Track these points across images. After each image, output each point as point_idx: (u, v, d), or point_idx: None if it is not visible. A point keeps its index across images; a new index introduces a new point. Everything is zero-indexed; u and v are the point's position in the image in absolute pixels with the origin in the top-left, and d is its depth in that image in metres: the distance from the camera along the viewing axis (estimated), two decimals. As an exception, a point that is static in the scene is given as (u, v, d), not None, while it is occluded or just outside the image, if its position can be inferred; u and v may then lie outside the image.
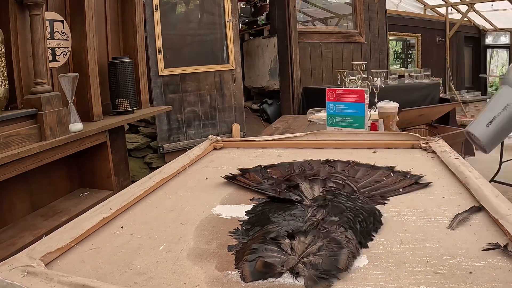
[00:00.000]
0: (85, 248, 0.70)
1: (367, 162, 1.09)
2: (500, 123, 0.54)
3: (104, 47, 2.48)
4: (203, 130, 3.72)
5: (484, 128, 0.55)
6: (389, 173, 1.00)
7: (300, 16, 5.60)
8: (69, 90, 1.98)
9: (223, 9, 3.75)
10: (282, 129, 2.11)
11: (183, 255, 0.67)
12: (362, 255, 0.64)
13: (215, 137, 1.45)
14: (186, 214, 0.85)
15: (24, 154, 1.60)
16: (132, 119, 2.48)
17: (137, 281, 0.59)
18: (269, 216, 0.78)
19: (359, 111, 1.76)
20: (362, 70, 2.38)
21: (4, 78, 1.67)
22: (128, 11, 2.59)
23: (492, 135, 0.55)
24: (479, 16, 7.57)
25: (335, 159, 1.12)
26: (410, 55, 7.36)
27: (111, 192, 2.19)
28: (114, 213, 0.83)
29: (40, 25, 1.77)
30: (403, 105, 3.28)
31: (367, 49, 5.38)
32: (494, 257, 0.61)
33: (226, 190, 0.99)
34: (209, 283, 0.58)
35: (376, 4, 5.40)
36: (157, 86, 3.46)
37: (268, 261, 0.59)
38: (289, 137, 1.43)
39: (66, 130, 1.88)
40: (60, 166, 2.11)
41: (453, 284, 0.55)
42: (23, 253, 0.64)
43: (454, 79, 7.24)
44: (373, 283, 0.56)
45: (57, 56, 2.12)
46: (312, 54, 4.94)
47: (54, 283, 0.55)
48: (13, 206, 1.85)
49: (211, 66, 3.72)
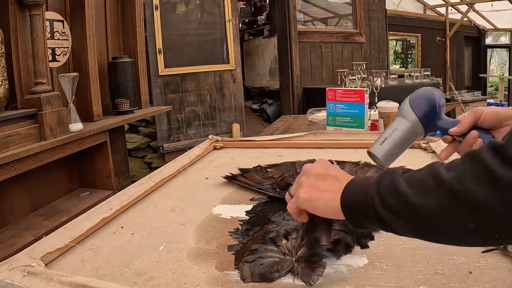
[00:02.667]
0: (85, 248, 0.70)
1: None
2: (391, 142, 0.66)
3: (104, 47, 2.48)
4: (203, 130, 3.72)
5: (379, 146, 0.67)
6: None
7: (300, 16, 5.59)
8: (69, 90, 1.98)
9: (223, 9, 3.75)
10: (282, 129, 2.11)
11: (183, 255, 0.67)
12: (362, 255, 0.64)
13: (215, 137, 1.45)
14: (186, 214, 0.85)
15: (24, 154, 1.60)
16: (132, 119, 2.48)
17: (137, 281, 0.59)
18: (269, 216, 0.78)
19: (359, 111, 1.76)
20: (362, 70, 2.38)
21: (4, 78, 1.67)
22: (128, 11, 2.59)
23: (385, 151, 0.66)
24: (479, 16, 7.57)
25: (344, 160, 1.12)
26: (410, 55, 7.36)
27: (111, 192, 2.19)
28: (114, 213, 0.83)
29: (40, 25, 1.76)
30: (403, 105, 3.28)
31: (367, 49, 5.38)
32: (494, 257, 0.61)
33: (226, 190, 1.00)
34: (209, 283, 0.58)
35: (376, 4, 5.40)
36: (157, 86, 3.46)
37: (263, 271, 0.59)
38: (289, 137, 1.43)
39: (66, 130, 1.88)
40: (60, 166, 2.11)
41: (453, 284, 0.55)
42: (23, 253, 0.64)
43: (454, 79, 7.24)
44: (373, 283, 0.56)
45: (57, 56, 2.12)
46: (312, 54, 4.94)
47: (54, 283, 0.55)
48: (13, 206, 1.85)
49: (211, 66, 3.72)
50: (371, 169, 1.04)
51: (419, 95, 0.68)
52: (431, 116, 0.67)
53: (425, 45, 7.02)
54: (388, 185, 0.45)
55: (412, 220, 0.43)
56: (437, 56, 7.13)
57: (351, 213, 0.49)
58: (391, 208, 0.44)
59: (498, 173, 0.37)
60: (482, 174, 0.38)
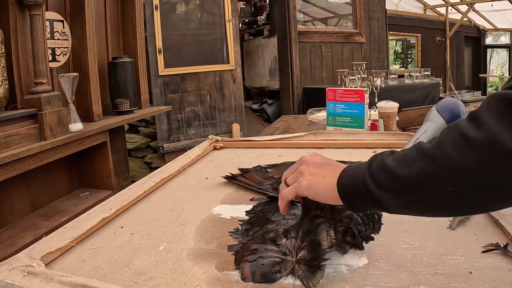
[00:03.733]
0: (85, 248, 0.70)
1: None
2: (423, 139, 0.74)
3: (104, 47, 2.48)
4: (203, 130, 3.72)
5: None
6: None
7: (300, 16, 5.60)
8: (69, 90, 1.98)
9: (223, 9, 3.75)
10: (282, 129, 2.11)
11: (183, 255, 0.67)
12: (362, 255, 0.64)
13: (215, 137, 1.45)
14: (186, 214, 0.85)
15: (24, 154, 1.60)
16: (132, 119, 2.48)
17: (137, 281, 0.59)
18: (269, 216, 0.78)
19: (359, 111, 1.76)
20: (362, 70, 2.38)
21: (4, 78, 1.67)
22: (128, 11, 2.59)
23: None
24: (479, 16, 7.57)
25: (344, 160, 1.12)
26: (410, 55, 7.36)
27: (111, 192, 2.19)
28: (114, 213, 0.83)
29: (40, 25, 1.76)
30: (403, 105, 3.28)
31: (367, 49, 5.38)
32: (494, 257, 0.61)
33: (226, 190, 0.99)
34: (209, 283, 0.58)
35: (376, 4, 5.40)
36: (157, 86, 3.46)
37: (265, 271, 0.59)
38: (289, 137, 1.43)
39: (66, 130, 1.88)
40: (60, 166, 2.11)
41: (453, 284, 0.55)
42: (23, 253, 0.64)
43: (454, 79, 7.25)
44: (373, 283, 0.56)
45: (57, 56, 2.12)
46: (312, 54, 4.94)
47: (54, 283, 0.54)
48: (13, 206, 1.85)
49: (211, 66, 3.72)
50: None
51: (445, 103, 0.76)
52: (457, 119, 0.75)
53: (425, 45, 7.02)
54: (377, 164, 0.48)
55: (401, 193, 0.45)
56: (437, 56, 7.13)
57: (347, 195, 0.51)
58: (381, 185, 0.47)
59: (471, 135, 0.40)
60: (457, 138, 0.41)
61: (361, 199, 0.49)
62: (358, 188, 0.49)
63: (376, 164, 0.48)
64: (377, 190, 0.47)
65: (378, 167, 0.48)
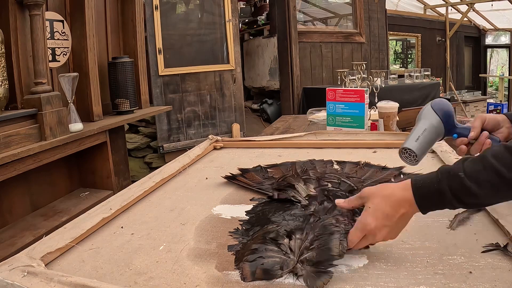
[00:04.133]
0: (85, 248, 0.70)
1: (378, 164, 1.08)
2: (424, 139, 0.77)
3: (104, 47, 2.48)
4: (203, 130, 3.72)
5: (415, 143, 0.77)
6: (398, 174, 1.01)
7: (300, 16, 5.59)
8: (69, 90, 1.98)
9: (223, 9, 3.75)
10: (282, 129, 2.11)
11: (183, 255, 0.67)
12: (362, 255, 0.64)
13: (215, 137, 1.45)
14: (186, 214, 0.85)
15: (24, 154, 1.60)
16: (132, 119, 2.48)
17: (137, 281, 0.59)
18: (269, 216, 0.78)
19: (359, 111, 1.76)
20: (362, 70, 2.38)
21: (4, 78, 1.67)
22: (128, 11, 2.59)
23: (420, 147, 0.77)
24: (479, 16, 7.57)
25: (344, 160, 1.12)
26: (410, 55, 7.36)
27: (111, 192, 2.19)
28: (114, 213, 0.83)
29: (40, 25, 1.76)
30: (403, 105, 3.28)
31: (367, 49, 5.38)
32: (494, 257, 0.61)
33: (226, 190, 1.00)
34: (209, 283, 0.58)
35: (376, 4, 5.40)
36: (157, 86, 3.46)
37: (267, 267, 0.59)
38: (289, 137, 1.43)
39: (66, 130, 1.88)
40: (60, 166, 2.11)
41: (453, 284, 0.55)
42: (23, 253, 0.64)
43: (454, 79, 7.24)
44: (373, 283, 0.56)
45: (57, 56, 2.12)
46: (312, 54, 4.94)
47: (54, 283, 0.55)
48: (13, 206, 1.85)
49: (211, 66, 3.72)
50: (371, 169, 1.04)
51: (438, 102, 0.80)
52: (450, 120, 0.79)
53: (425, 45, 7.02)
54: (474, 168, 0.56)
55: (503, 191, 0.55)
56: (437, 56, 7.13)
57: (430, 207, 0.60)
58: (486, 184, 0.55)
59: None
60: None
61: (450, 203, 0.58)
62: (444, 195, 0.57)
63: (472, 168, 0.56)
64: (479, 189, 0.55)
65: (476, 170, 0.56)
